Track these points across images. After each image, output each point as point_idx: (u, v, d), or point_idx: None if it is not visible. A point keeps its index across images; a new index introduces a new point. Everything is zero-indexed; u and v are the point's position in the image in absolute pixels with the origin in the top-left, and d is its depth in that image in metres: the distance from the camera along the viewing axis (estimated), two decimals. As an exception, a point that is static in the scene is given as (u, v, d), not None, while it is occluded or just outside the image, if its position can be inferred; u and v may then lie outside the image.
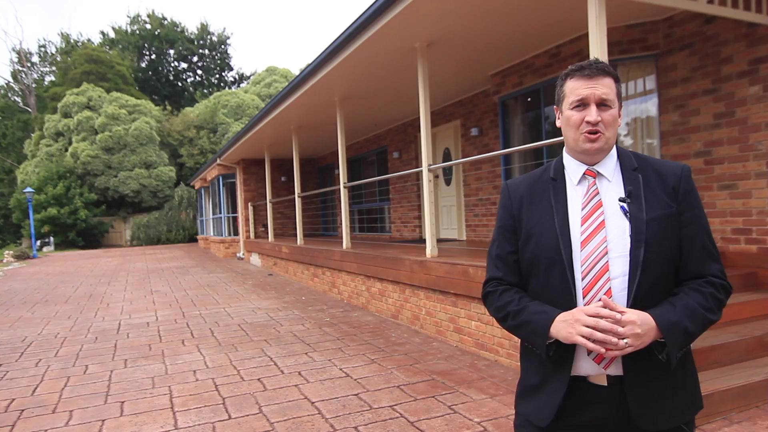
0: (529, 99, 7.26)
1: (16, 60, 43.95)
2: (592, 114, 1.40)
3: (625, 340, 1.29)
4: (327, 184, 16.48)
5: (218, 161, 16.51)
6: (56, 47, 43.97)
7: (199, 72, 46.21)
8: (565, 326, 1.35)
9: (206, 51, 46.04)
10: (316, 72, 7.29)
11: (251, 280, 11.54)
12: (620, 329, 1.29)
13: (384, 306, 6.94)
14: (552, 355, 1.41)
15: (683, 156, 5.39)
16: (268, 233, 14.09)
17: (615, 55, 5.74)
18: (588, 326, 1.30)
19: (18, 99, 43.15)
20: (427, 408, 3.71)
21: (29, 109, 40.73)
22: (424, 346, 5.41)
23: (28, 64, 43.19)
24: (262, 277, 11.89)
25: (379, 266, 6.84)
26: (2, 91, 45.03)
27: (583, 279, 1.39)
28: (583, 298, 1.38)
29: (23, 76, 42.68)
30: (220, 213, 18.71)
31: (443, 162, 9.74)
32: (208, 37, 45.91)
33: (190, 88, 44.58)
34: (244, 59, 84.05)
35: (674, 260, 1.42)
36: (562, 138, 4.48)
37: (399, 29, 5.56)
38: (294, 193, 10.92)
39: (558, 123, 1.53)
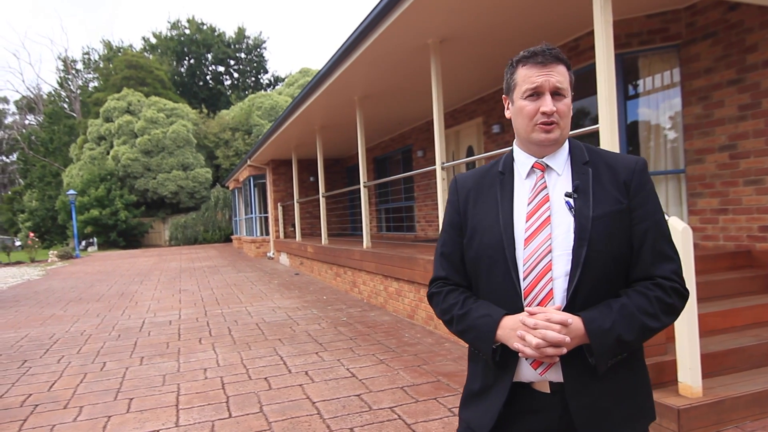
0: (549, 94, 7.06)
1: (62, 67, 45.78)
2: (547, 104, 1.31)
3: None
4: (355, 184, 16.50)
5: (248, 162, 16.76)
6: (99, 54, 45.61)
7: (236, 75, 47.11)
8: (510, 333, 1.28)
9: (242, 54, 46.90)
10: (333, 71, 7.29)
11: (277, 279, 11.66)
12: (567, 339, 1.22)
13: (400, 306, 6.89)
14: (498, 360, 1.34)
15: (707, 150, 5.14)
16: (296, 233, 14.22)
17: (635, 47, 5.54)
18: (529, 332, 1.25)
19: (65, 105, 44.97)
20: (427, 410, 3.64)
21: (74, 115, 42.37)
22: (436, 346, 5.33)
23: (73, 71, 44.92)
24: (289, 277, 12.00)
25: (395, 266, 6.79)
26: (51, 98, 47.04)
27: (524, 279, 1.31)
28: (524, 298, 1.31)
29: (69, 82, 44.43)
30: (252, 213, 19.00)
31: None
32: (245, 40, 46.74)
33: (228, 91, 45.48)
34: (279, 62, 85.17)
35: (623, 259, 1.32)
36: (581, 130, 4.31)
37: (408, 26, 5.49)
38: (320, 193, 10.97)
39: (507, 113, 1.44)
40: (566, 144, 1.41)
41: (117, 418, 3.79)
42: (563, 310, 1.27)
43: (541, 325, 1.22)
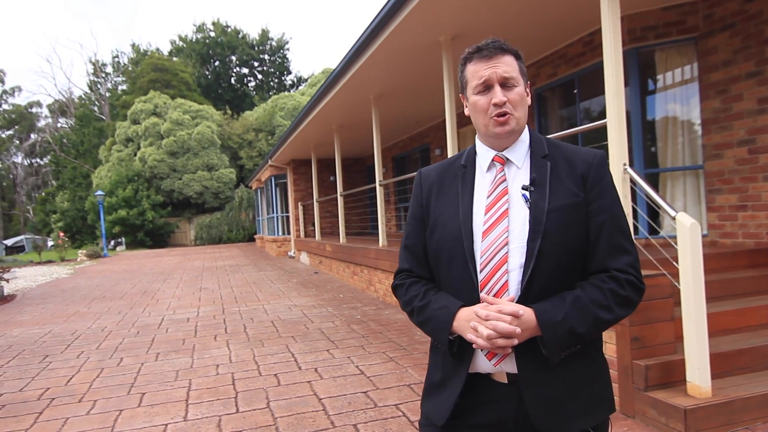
0: (564, 90, 6.98)
1: (91, 71, 46.95)
2: (497, 95, 1.32)
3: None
4: (374, 183, 16.52)
5: (270, 162, 16.93)
6: (128, 57, 46.62)
7: (260, 76, 47.61)
8: (464, 324, 1.29)
9: (266, 56, 47.37)
10: (347, 70, 7.32)
11: (296, 278, 11.76)
12: (517, 330, 1.22)
13: (415, 304, 6.86)
14: (455, 351, 1.35)
15: (726, 145, 5.01)
16: (316, 232, 14.32)
17: (650, 40, 5.43)
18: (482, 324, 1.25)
19: (95, 108, 46.12)
20: (432, 408, 3.62)
21: (104, 117, 43.39)
22: (447, 345, 5.30)
23: (103, 75, 46.01)
24: (308, 275, 12.09)
25: (409, 264, 6.77)
26: (82, 101, 48.27)
27: (481, 271, 1.31)
28: (481, 290, 1.31)
29: (98, 86, 45.52)
30: (273, 213, 19.19)
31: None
32: (268, 42, 47.21)
33: (252, 92, 46.01)
34: (302, 63, 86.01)
35: (579, 252, 1.32)
36: (588, 125, 4.24)
37: (419, 23, 5.48)
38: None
39: (466, 111, 1.44)
40: (527, 137, 1.41)
41: (128, 411, 3.88)
42: (517, 302, 1.27)
43: (492, 317, 1.23)
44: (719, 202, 5.12)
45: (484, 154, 1.42)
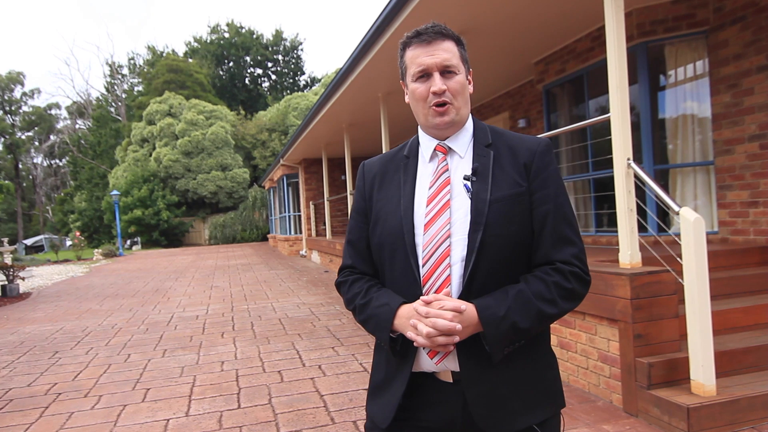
0: (573, 86, 6.90)
1: (108, 73, 47.58)
2: (436, 83, 1.27)
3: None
4: (386, 182, 16.49)
5: (281, 162, 17.00)
6: (144, 59, 47.15)
7: (273, 77, 47.85)
8: (405, 322, 1.24)
9: (280, 56, 47.61)
10: (355, 67, 7.31)
11: (306, 276, 11.79)
12: (457, 326, 1.16)
13: (422, 302, 6.84)
14: (399, 350, 1.30)
15: (736, 140, 4.91)
16: (326, 231, 14.35)
17: (659, 34, 5.35)
18: (422, 321, 1.20)
19: (112, 109, 46.72)
20: (433, 405, 3.60)
21: (120, 118, 43.94)
22: (452, 342, 5.27)
23: (119, 77, 46.59)
24: (318, 274, 12.11)
25: (416, 262, 6.75)
26: (99, 103, 48.93)
27: (423, 265, 1.26)
28: (423, 285, 1.26)
29: (115, 87, 46.11)
30: (285, 212, 19.27)
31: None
32: (282, 42, 47.45)
33: (266, 93, 46.26)
34: (316, 63, 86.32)
35: (523, 244, 1.27)
36: (593, 120, 4.18)
37: (425, 19, 5.42)
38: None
39: (406, 99, 1.39)
40: (470, 126, 1.36)
41: (132, 407, 3.91)
42: (459, 297, 1.22)
43: (432, 314, 1.17)
44: (730, 199, 5.02)
45: (426, 144, 1.37)
